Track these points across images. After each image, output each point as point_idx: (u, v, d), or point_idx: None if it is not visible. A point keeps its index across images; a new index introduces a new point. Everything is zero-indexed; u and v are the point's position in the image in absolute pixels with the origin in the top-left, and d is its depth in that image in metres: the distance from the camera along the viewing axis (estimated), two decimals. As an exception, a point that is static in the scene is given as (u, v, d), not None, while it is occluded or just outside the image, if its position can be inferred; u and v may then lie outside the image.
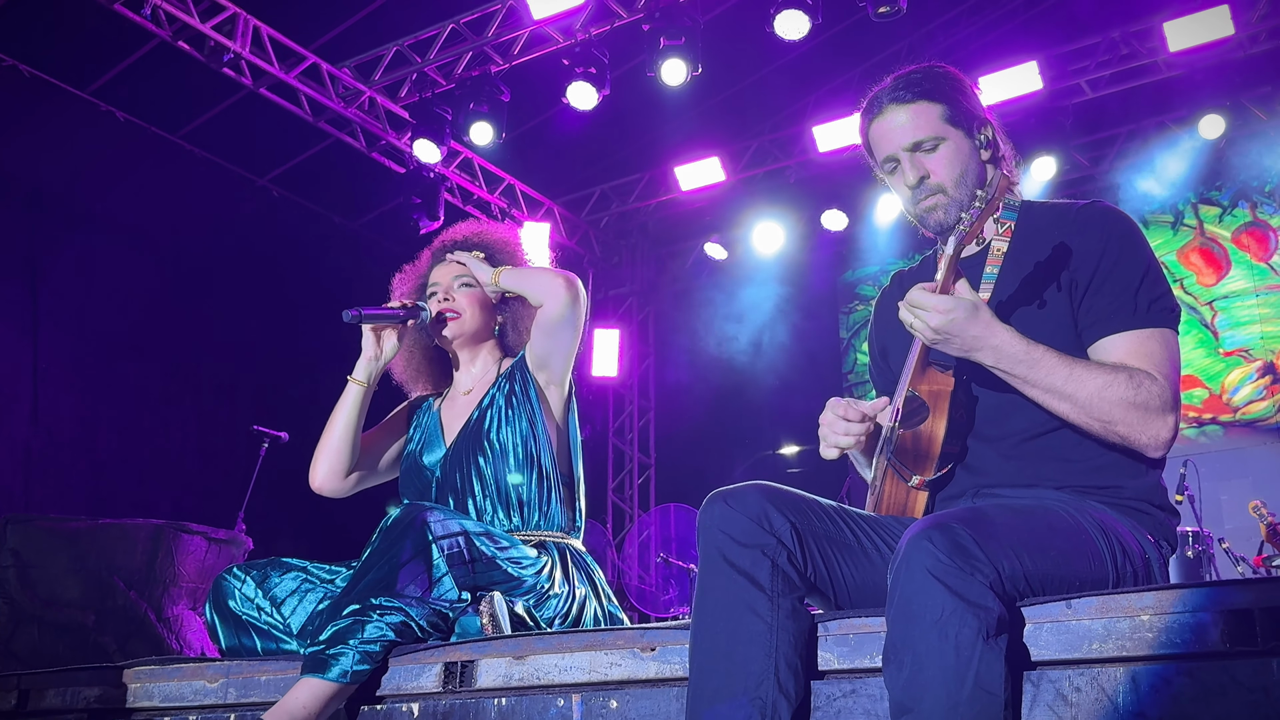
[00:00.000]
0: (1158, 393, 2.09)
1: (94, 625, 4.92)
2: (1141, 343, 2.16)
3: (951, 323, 2.05)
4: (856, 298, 10.75)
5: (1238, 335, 8.95)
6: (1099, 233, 2.23)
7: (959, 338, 2.07)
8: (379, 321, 3.04)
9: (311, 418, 3.47)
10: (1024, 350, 2.08)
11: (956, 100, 2.36)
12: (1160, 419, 2.09)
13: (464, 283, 3.16)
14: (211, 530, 5.47)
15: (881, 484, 2.29)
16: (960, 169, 2.33)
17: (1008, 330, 2.08)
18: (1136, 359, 2.13)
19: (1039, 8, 9.35)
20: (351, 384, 3.07)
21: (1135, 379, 2.09)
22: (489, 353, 3.21)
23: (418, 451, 3.13)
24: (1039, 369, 2.08)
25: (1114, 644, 1.72)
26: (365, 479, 3.20)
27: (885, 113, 2.38)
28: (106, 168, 8.06)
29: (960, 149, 2.34)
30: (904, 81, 2.38)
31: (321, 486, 3.12)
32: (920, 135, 2.34)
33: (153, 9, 7.01)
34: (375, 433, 3.21)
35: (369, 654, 2.35)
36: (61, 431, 7.52)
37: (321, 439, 3.09)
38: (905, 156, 2.36)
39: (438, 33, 8.10)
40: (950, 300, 2.06)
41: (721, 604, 1.91)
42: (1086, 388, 2.07)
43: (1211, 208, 9.26)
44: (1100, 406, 2.07)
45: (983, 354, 2.08)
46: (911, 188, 2.35)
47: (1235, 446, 8.72)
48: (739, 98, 9.53)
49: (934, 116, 2.34)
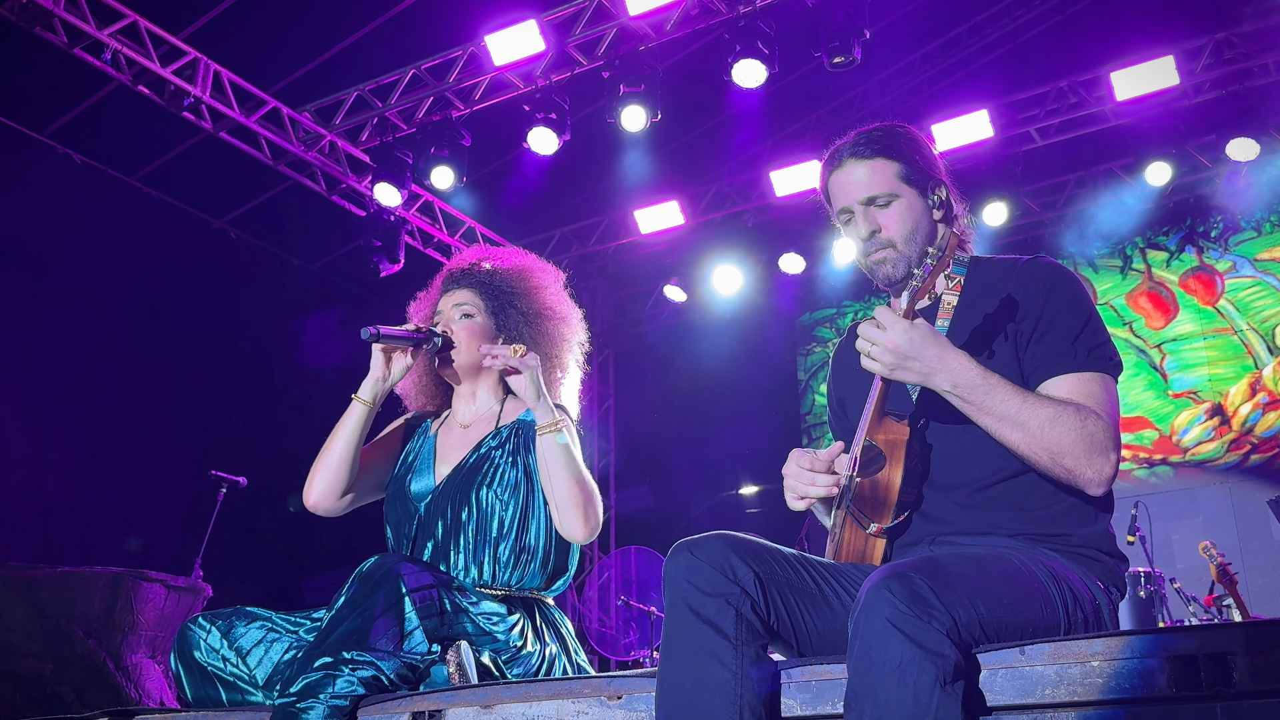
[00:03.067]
0: (1102, 428, 2.17)
1: (52, 674, 4.86)
2: (1083, 384, 2.24)
3: (910, 342, 2.12)
4: (814, 339, 10.87)
5: (1186, 377, 9.13)
6: (1042, 286, 2.33)
7: (918, 359, 2.13)
8: (394, 343, 3.00)
9: (269, 461, 3.45)
10: (980, 375, 2.15)
11: (913, 160, 2.45)
12: (1103, 455, 2.16)
13: (465, 313, 3.13)
14: (171, 578, 5.42)
15: (841, 531, 2.34)
16: (911, 226, 2.42)
17: (964, 356, 2.16)
18: (1080, 397, 2.21)
19: (989, 57, 9.58)
20: (356, 403, 3.02)
21: (1082, 413, 2.17)
22: (489, 388, 3.17)
23: (406, 476, 3.10)
24: (994, 395, 2.15)
25: (1065, 689, 1.78)
26: (360, 498, 3.15)
27: (844, 166, 2.47)
28: (63, 210, 8.04)
29: (913, 207, 2.44)
30: (865, 138, 2.47)
31: (316, 505, 3.05)
32: (875, 191, 2.43)
33: (113, 54, 7.03)
34: (371, 450, 3.16)
35: (338, 708, 2.34)
36: (10, 476, 7.42)
37: (320, 456, 3.04)
38: (859, 210, 2.45)
39: (399, 78, 8.17)
40: (908, 322, 2.14)
41: (687, 652, 1.95)
42: (1038, 416, 2.14)
43: (1159, 252, 9.46)
44: (1050, 436, 2.14)
45: (940, 377, 2.15)
46: (864, 240, 2.45)
47: (1185, 487, 8.87)
48: (697, 142, 9.66)
49: (890, 174, 2.43)
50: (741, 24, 7.16)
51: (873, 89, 9.76)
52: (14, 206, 7.72)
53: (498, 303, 3.17)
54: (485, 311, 3.16)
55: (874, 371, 2.20)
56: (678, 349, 10.82)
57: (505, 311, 3.17)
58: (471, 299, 3.16)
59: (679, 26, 7.53)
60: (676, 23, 7.51)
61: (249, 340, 8.79)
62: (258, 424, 8.37)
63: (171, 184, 8.70)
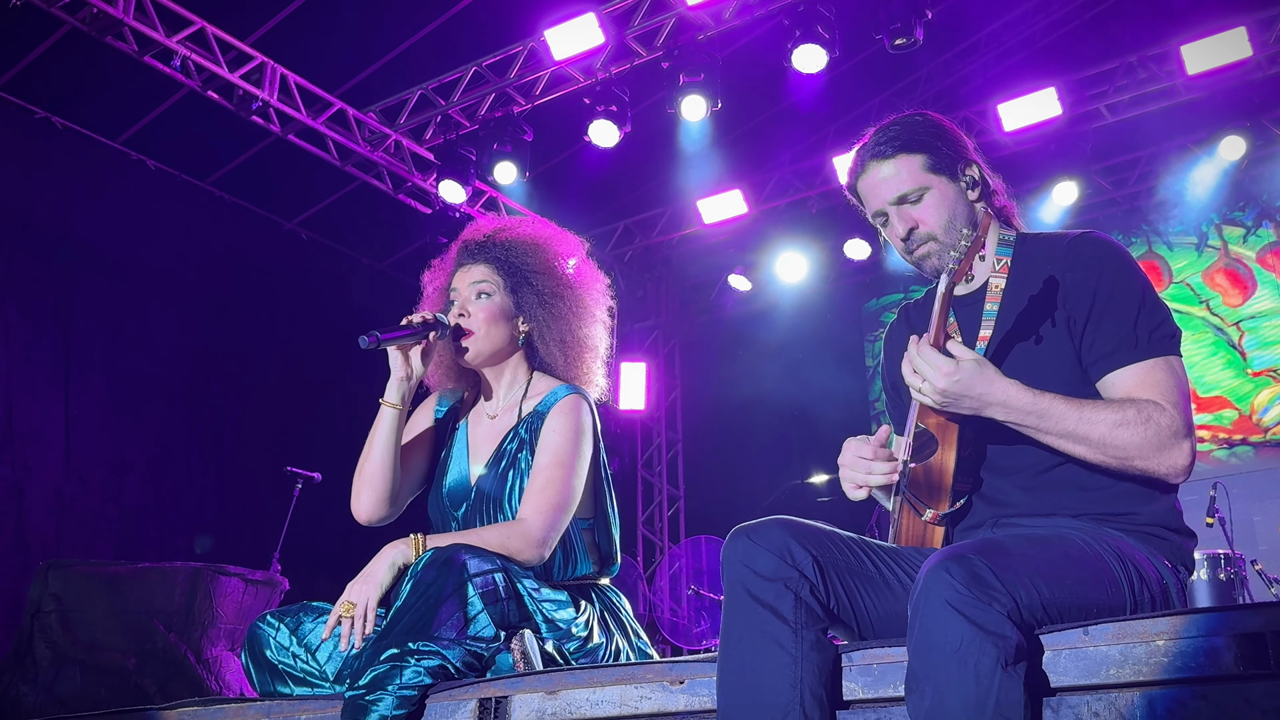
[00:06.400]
0: (1168, 423, 2.12)
1: (134, 668, 4.99)
2: (1147, 374, 2.19)
3: (957, 384, 2.10)
4: (881, 325, 10.77)
5: (1266, 355, 8.91)
6: (1092, 267, 2.27)
7: (968, 397, 2.11)
8: (398, 343, 2.85)
9: (343, 457, 3.45)
10: (1031, 401, 2.12)
11: (936, 147, 2.40)
12: (1175, 447, 2.12)
13: (482, 291, 2.98)
14: (248, 571, 5.53)
15: (899, 517, 2.33)
16: (948, 214, 2.38)
17: (1014, 384, 2.12)
18: (1143, 390, 2.16)
19: (1055, 34, 9.40)
20: (385, 407, 2.87)
21: (1144, 412, 2.12)
22: (515, 369, 3.06)
23: (442, 473, 3.02)
24: (1049, 418, 2.12)
25: (1130, 669, 1.76)
26: (407, 499, 3.04)
27: (868, 169, 2.43)
28: (138, 216, 8.23)
29: (946, 195, 2.39)
30: (884, 136, 2.43)
31: (370, 518, 2.94)
32: (904, 189, 2.39)
33: (182, 60, 7.16)
34: (408, 450, 3.02)
35: (406, 699, 2.35)
36: (93, 476, 7.62)
37: (359, 469, 2.92)
38: (893, 211, 2.41)
39: (461, 75, 8.24)
40: (952, 363, 2.10)
41: (747, 637, 1.95)
42: (1099, 428, 2.11)
43: (1235, 228, 9.24)
44: (1114, 445, 2.10)
45: (993, 410, 2.13)
46: (903, 239, 2.41)
47: (1266, 467, 8.66)
48: (759, 130, 9.62)
49: (915, 167, 2.39)
50: (801, 9, 7.11)
51: (936, 70, 9.64)
52: (90, 213, 7.93)
53: (515, 279, 3.02)
54: (504, 289, 3.01)
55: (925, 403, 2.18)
56: (743, 338, 10.80)
57: (521, 290, 3.02)
58: (489, 275, 3.01)
59: (738, 14, 7.51)
60: (735, 10, 7.49)
61: (320, 338, 8.92)
62: (331, 420, 8.50)
63: (242, 187, 8.87)
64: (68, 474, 7.46)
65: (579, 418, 2.91)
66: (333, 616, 2.59)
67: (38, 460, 7.30)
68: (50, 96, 7.63)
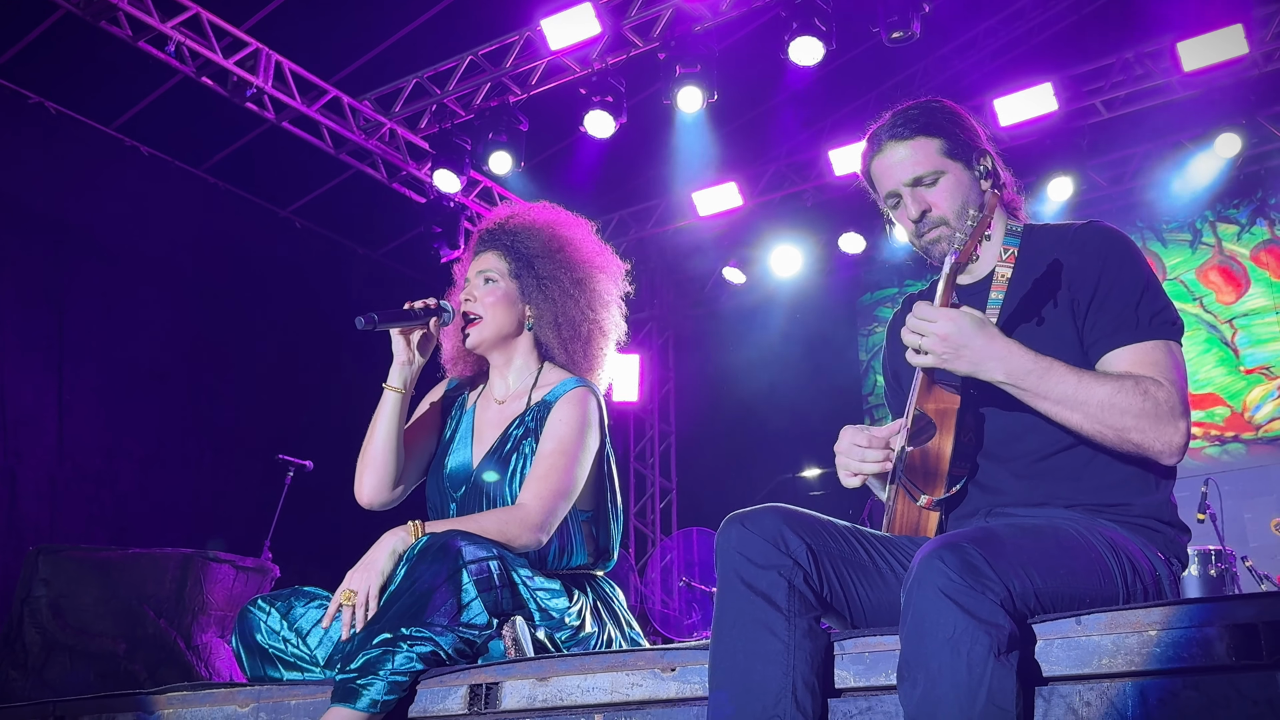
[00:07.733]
0: (1164, 398, 2.12)
1: (125, 653, 4.99)
2: (1146, 353, 2.19)
3: (959, 331, 2.09)
4: (875, 320, 10.78)
5: (1258, 353, 8.93)
6: (1096, 252, 2.28)
7: (968, 348, 2.10)
8: (396, 325, 2.86)
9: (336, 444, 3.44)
10: (1032, 360, 2.11)
11: (954, 133, 2.41)
12: (1171, 423, 2.12)
13: (489, 278, 3.01)
14: (239, 559, 5.53)
15: (894, 504, 2.33)
16: (961, 200, 2.38)
17: (1014, 343, 2.12)
18: (1142, 368, 2.17)
19: (1052, 30, 9.40)
20: (388, 391, 2.89)
21: (1142, 385, 2.12)
22: (524, 354, 3.07)
23: (445, 455, 3.02)
24: (1048, 379, 2.11)
25: (1123, 659, 1.76)
26: (411, 483, 3.05)
27: (885, 149, 2.44)
28: (131, 202, 8.20)
29: (960, 181, 2.40)
30: (902, 118, 2.43)
31: (371, 501, 2.96)
32: (920, 170, 2.39)
33: (176, 46, 7.13)
34: (413, 431, 3.04)
35: (397, 684, 2.36)
36: (87, 463, 7.60)
37: (363, 452, 2.93)
38: (907, 192, 2.41)
39: (456, 64, 8.21)
40: (954, 310, 2.11)
41: (739, 624, 1.95)
42: (1096, 395, 2.10)
43: (1230, 225, 9.25)
44: (1111, 413, 2.10)
45: (991, 366, 2.11)
46: (915, 221, 2.41)
47: (1258, 464, 8.68)
48: (755, 123, 9.60)
49: (932, 151, 2.40)
50: (798, 1, 7.10)
51: (933, 65, 9.63)
52: (84, 199, 7.90)
53: (520, 264, 3.03)
54: (509, 275, 3.04)
55: (924, 365, 2.17)
56: (737, 331, 10.79)
57: (526, 275, 3.03)
58: (496, 263, 3.04)
59: (735, 6, 7.49)
60: (733, 2, 7.48)
61: (313, 326, 8.91)
62: (324, 408, 8.49)
63: (237, 174, 8.85)
64: (61, 460, 7.44)
65: (586, 409, 2.92)
66: (333, 604, 2.59)
67: (30, 446, 7.28)
68: (44, 82, 7.59)
